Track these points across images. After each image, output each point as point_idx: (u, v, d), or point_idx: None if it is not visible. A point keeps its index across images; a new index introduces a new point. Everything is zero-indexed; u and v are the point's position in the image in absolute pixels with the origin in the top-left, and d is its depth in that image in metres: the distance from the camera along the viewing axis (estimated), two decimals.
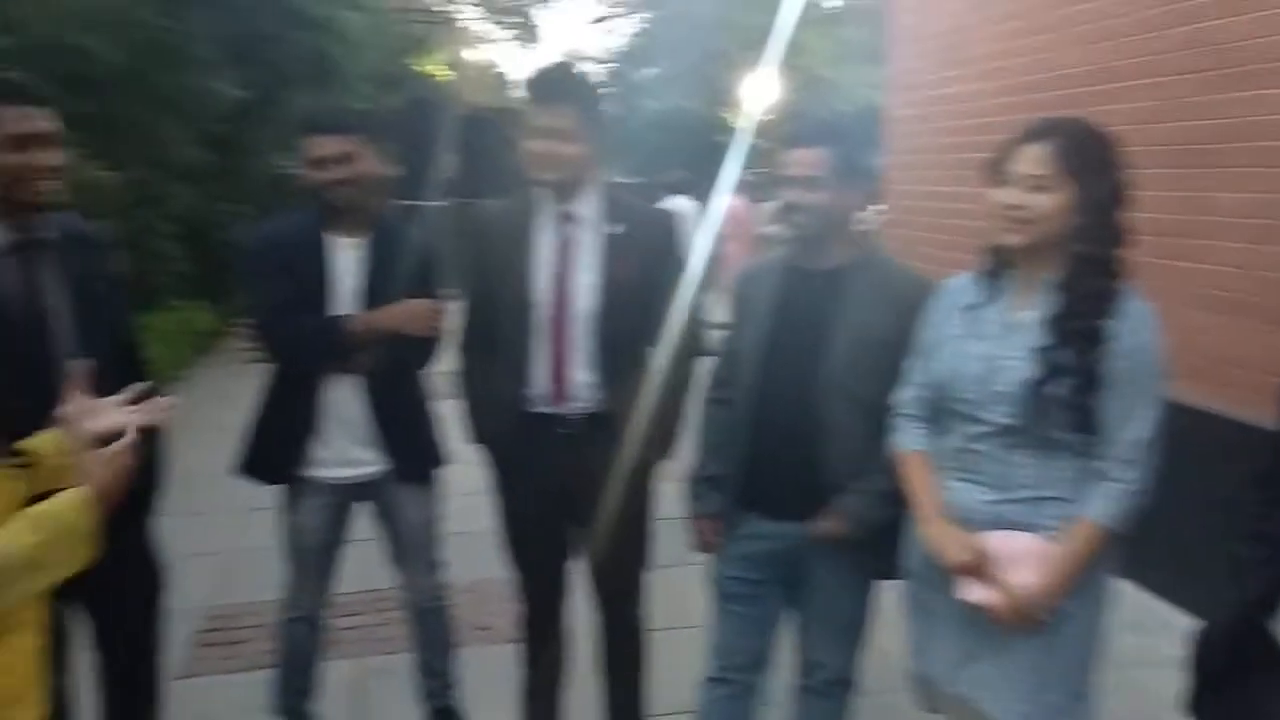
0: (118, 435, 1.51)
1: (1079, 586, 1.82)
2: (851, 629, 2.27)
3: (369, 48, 11.99)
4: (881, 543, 2.10)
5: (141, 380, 2.35)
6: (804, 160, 2.10)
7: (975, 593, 1.83)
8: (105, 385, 2.07)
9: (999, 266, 1.91)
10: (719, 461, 2.28)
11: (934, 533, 1.91)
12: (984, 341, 1.87)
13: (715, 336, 2.49)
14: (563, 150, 2.29)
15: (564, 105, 2.29)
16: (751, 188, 10.62)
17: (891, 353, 2.06)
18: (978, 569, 1.82)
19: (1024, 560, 1.80)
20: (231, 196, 9.23)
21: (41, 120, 1.99)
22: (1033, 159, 1.78)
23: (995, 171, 1.84)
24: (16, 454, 1.43)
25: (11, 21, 4.86)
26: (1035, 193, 1.77)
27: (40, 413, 1.77)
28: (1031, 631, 1.82)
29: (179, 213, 8.11)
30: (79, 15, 5.98)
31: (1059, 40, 4.86)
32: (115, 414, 1.48)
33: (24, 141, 1.94)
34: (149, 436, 1.67)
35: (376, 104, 11.83)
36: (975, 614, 1.86)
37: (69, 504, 1.34)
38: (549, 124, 2.28)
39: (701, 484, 2.31)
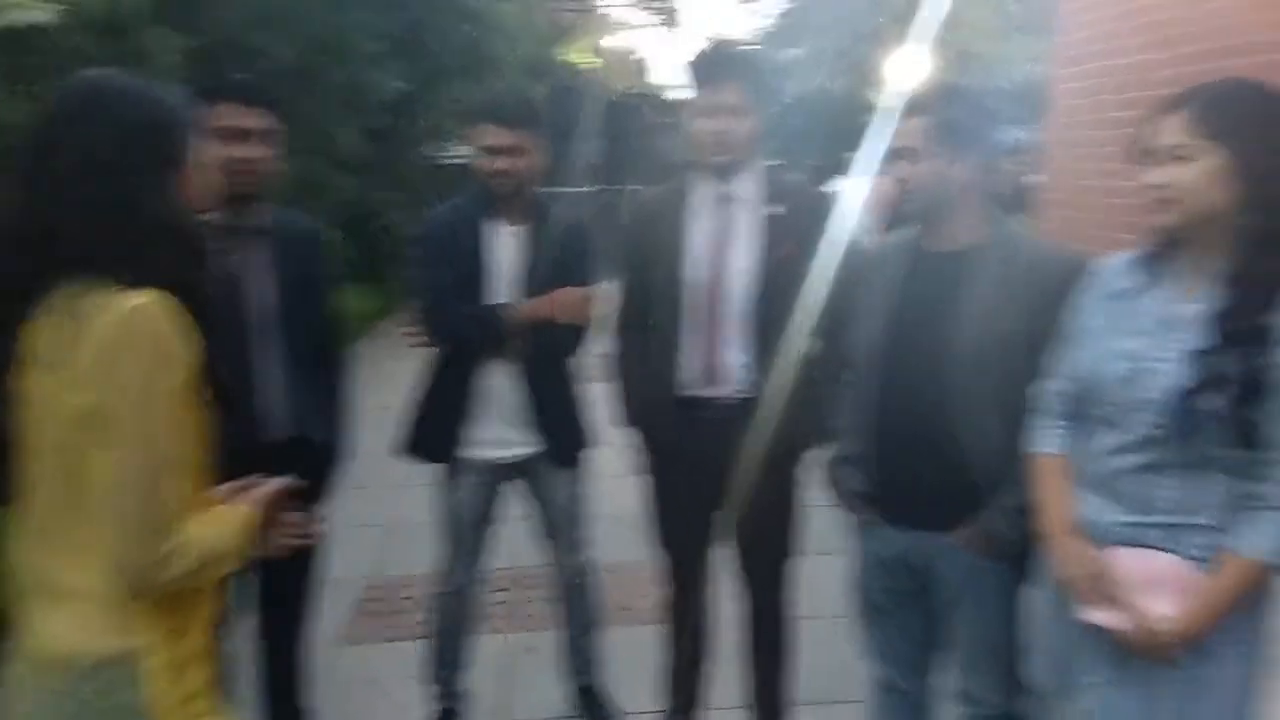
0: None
1: (1229, 627, 1.58)
2: (1001, 652, 2.01)
3: (520, 38, 12.26)
4: (1030, 547, 1.89)
5: (338, 367, 2.49)
6: (903, 132, 1.99)
7: (1098, 615, 1.64)
8: (303, 368, 2.27)
9: (1163, 249, 1.68)
10: (856, 442, 2.12)
11: (1057, 547, 1.73)
12: (1133, 338, 1.65)
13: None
14: (732, 128, 2.26)
15: (730, 83, 2.25)
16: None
17: (1026, 345, 1.85)
18: (1101, 589, 1.64)
19: (1161, 585, 1.60)
20: (388, 185, 9.63)
21: (249, 117, 2.15)
22: (1170, 129, 1.58)
23: (1142, 153, 1.64)
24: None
25: (195, 27, 5.23)
26: (1176, 165, 1.57)
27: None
28: (1167, 667, 1.61)
29: (342, 202, 8.51)
30: (255, 16, 6.35)
31: (1250, 3, 4.47)
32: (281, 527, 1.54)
33: (230, 135, 2.10)
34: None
35: (525, 92, 12.09)
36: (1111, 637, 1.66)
37: (237, 518, 1.43)
38: (717, 102, 2.25)
39: (842, 465, 2.16)
